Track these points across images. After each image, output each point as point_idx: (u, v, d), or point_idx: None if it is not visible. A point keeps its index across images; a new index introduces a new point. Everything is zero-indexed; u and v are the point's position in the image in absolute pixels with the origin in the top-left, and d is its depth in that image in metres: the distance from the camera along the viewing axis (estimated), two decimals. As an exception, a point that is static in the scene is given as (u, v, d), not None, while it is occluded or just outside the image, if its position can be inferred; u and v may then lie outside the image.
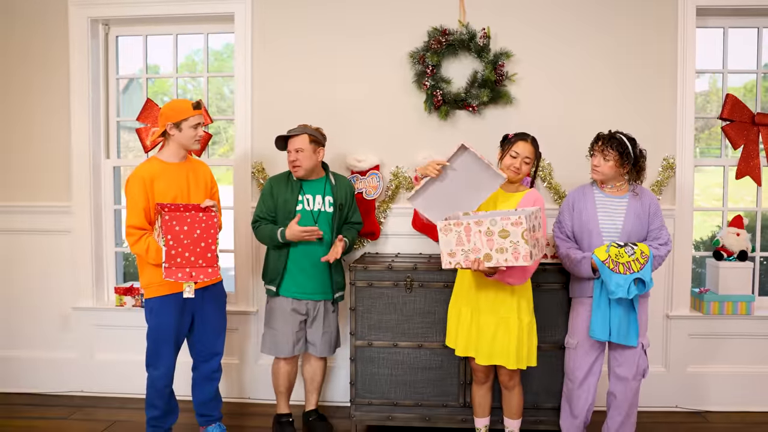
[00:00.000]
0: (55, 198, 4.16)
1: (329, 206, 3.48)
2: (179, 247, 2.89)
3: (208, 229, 2.96)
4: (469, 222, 2.69)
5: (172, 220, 2.88)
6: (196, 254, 2.93)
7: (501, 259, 2.65)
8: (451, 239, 2.73)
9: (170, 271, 2.88)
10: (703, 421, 3.77)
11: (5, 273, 4.24)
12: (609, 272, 2.94)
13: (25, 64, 4.14)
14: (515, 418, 3.22)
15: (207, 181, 3.28)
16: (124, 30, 4.21)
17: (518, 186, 3.12)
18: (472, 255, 2.70)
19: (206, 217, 2.96)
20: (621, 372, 3.13)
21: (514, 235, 2.60)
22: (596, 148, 3.12)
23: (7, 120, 4.18)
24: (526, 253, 2.60)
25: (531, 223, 2.63)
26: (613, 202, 3.14)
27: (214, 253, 2.98)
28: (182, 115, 3.09)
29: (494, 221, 2.64)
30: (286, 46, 3.98)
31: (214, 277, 2.99)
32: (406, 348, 3.45)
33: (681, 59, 3.78)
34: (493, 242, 2.64)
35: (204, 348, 3.30)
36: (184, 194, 3.14)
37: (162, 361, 3.15)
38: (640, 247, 2.95)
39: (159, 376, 3.16)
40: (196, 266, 2.93)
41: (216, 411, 3.42)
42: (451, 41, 3.80)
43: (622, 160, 3.06)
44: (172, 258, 2.88)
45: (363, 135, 3.96)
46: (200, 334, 3.28)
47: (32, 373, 4.24)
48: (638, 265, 2.92)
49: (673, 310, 3.88)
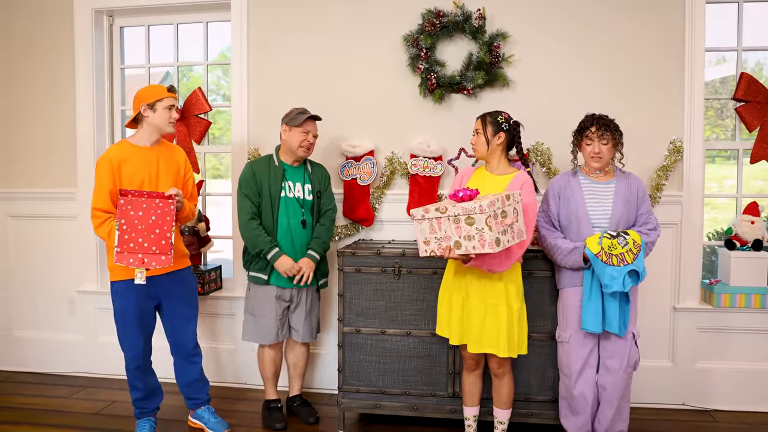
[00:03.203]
0: (61, 185, 4.28)
1: (308, 194, 3.47)
2: (132, 232, 2.86)
3: (164, 216, 2.91)
4: (438, 209, 2.67)
5: (127, 204, 2.86)
6: (149, 240, 2.89)
7: (469, 246, 2.62)
8: (425, 227, 2.74)
9: (122, 255, 2.86)
10: (711, 421, 3.55)
11: (16, 256, 4.40)
12: (602, 265, 2.82)
13: (30, 55, 4.27)
14: (505, 408, 3.11)
15: (179, 167, 3.25)
16: (127, 21, 4.29)
17: (507, 168, 3.00)
18: (444, 243, 2.68)
19: (162, 204, 2.91)
20: (611, 364, 2.99)
21: (479, 222, 2.56)
22: (590, 135, 2.96)
23: (14, 109, 4.33)
24: (491, 240, 2.55)
25: (495, 209, 2.55)
26: (600, 188, 3.01)
27: (169, 241, 2.92)
28: (157, 96, 3.10)
29: (464, 209, 2.60)
30: (280, 31, 3.97)
31: (168, 264, 2.93)
32: (394, 335, 3.38)
33: (689, 35, 3.57)
34: (461, 230, 2.62)
35: (174, 334, 3.31)
36: (153, 179, 3.12)
37: (129, 344, 3.17)
38: (632, 236, 2.81)
39: (128, 358, 3.19)
40: (149, 252, 2.89)
41: (202, 393, 3.43)
42: (446, 23, 3.71)
43: (616, 141, 2.95)
44: (125, 243, 2.86)
45: (357, 120, 3.91)
46: (169, 320, 3.29)
47: (40, 353, 4.39)
48: (631, 255, 2.79)
49: (680, 302, 3.68)
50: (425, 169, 3.78)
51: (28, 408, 3.76)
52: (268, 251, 3.35)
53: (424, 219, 2.72)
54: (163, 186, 3.13)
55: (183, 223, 3.31)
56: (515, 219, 2.68)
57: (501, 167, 2.99)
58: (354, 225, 3.94)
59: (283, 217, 3.40)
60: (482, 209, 2.54)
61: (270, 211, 3.39)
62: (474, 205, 2.56)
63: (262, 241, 3.35)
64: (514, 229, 2.68)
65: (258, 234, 3.36)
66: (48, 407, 3.78)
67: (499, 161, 2.99)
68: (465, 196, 2.66)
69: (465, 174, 3.07)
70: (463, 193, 2.67)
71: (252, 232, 3.37)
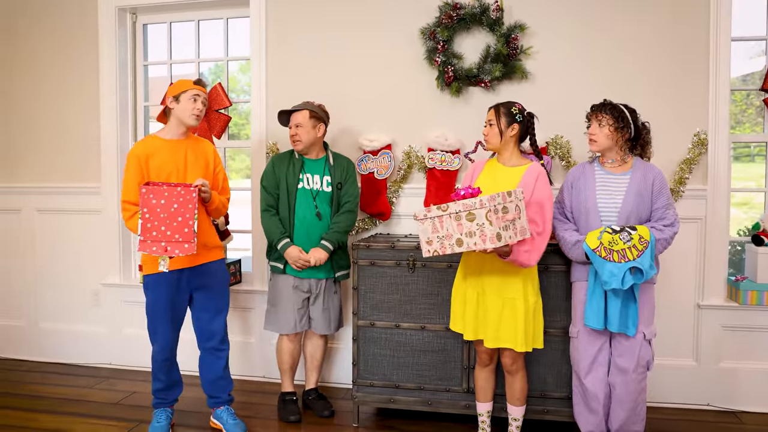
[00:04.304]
0: (86, 179, 4.37)
1: (327, 186, 3.49)
2: (155, 220, 2.88)
3: (186, 204, 2.91)
4: (439, 207, 2.69)
5: (149, 193, 2.87)
6: (172, 228, 2.90)
7: (471, 243, 2.62)
8: (427, 227, 2.74)
9: (145, 244, 2.88)
10: (737, 422, 3.44)
11: (43, 250, 4.51)
12: (601, 261, 2.74)
13: (54, 53, 4.39)
14: (518, 405, 3.05)
15: (208, 160, 3.26)
16: (150, 18, 4.36)
17: (520, 159, 2.95)
18: (446, 241, 2.69)
19: (184, 192, 2.92)
20: (621, 363, 2.89)
21: (479, 218, 2.57)
22: (591, 116, 2.92)
23: (39, 105, 4.44)
24: (492, 235, 2.55)
25: (495, 204, 2.55)
26: (613, 179, 2.92)
27: (191, 229, 2.92)
28: (182, 88, 3.12)
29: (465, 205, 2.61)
30: (298, 27, 3.99)
31: (191, 252, 2.93)
32: (408, 329, 3.36)
33: (714, 24, 3.47)
34: (462, 226, 2.63)
35: (202, 326, 3.31)
36: (181, 172, 3.14)
37: (159, 336, 3.20)
38: (639, 232, 2.71)
39: (157, 350, 3.22)
40: (171, 241, 2.90)
41: (224, 393, 3.39)
42: (463, 15, 3.67)
43: (617, 125, 2.85)
44: (148, 231, 2.87)
45: (374, 113, 3.91)
46: (199, 311, 3.30)
47: (65, 344, 4.50)
48: (635, 252, 2.69)
49: (704, 299, 3.57)
50: (443, 162, 3.75)
51: (51, 397, 3.85)
52: (278, 241, 3.40)
53: (426, 218, 2.72)
54: (191, 178, 3.14)
55: (215, 216, 3.30)
56: (517, 216, 2.63)
57: (514, 159, 2.94)
58: (371, 219, 3.93)
59: (299, 209, 3.44)
60: (482, 204, 2.55)
61: (287, 203, 3.44)
62: (474, 200, 2.57)
63: (274, 232, 3.41)
64: (516, 226, 2.65)
65: (271, 224, 3.42)
66: (70, 396, 3.87)
67: (512, 153, 2.94)
68: (467, 194, 2.67)
69: (477, 166, 3.03)
70: (465, 191, 2.68)
71: (266, 223, 3.45)
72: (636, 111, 2.92)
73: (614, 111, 2.86)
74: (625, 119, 2.86)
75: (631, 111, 2.90)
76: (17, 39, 4.46)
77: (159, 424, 3.28)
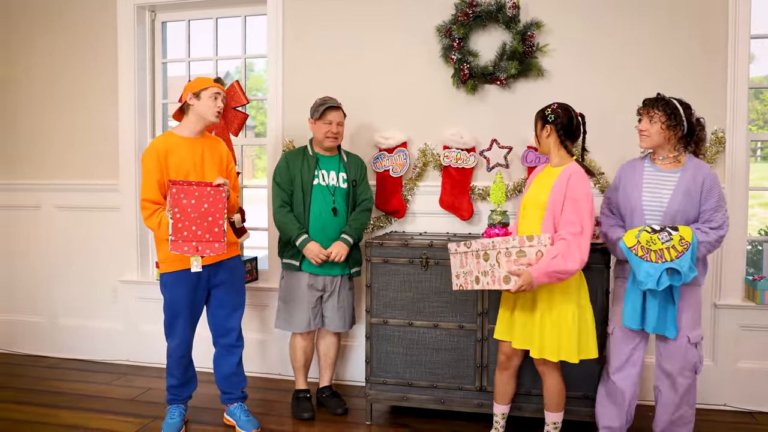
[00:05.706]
0: (104, 177, 4.42)
1: (343, 182, 3.50)
2: (186, 220, 2.90)
3: (216, 204, 2.96)
4: (466, 244, 2.82)
5: (180, 193, 2.90)
6: (203, 228, 2.94)
7: (485, 282, 2.72)
8: (456, 262, 2.91)
9: (176, 244, 2.90)
10: (754, 423, 3.40)
11: (62, 246, 4.56)
12: (638, 260, 2.67)
13: (73, 50, 4.45)
14: (552, 411, 2.92)
15: (222, 158, 3.29)
16: (168, 15, 4.40)
17: (562, 160, 2.83)
18: (469, 277, 2.81)
19: (214, 192, 2.96)
20: (666, 366, 2.81)
21: (492, 258, 2.67)
22: (642, 111, 2.83)
23: (59, 103, 4.50)
24: (500, 276, 2.63)
25: (508, 247, 2.60)
26: (662, 177, 2.80)
27: (221, 228, 2.97)
28: (202, 85, 3.13)
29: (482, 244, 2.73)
30: (315, 25, 4.01)
31: (221, 252, 2.98)
32: (421, 327, 3.36)
33: (732, 20, 3.43)
34: (480, 265, 2.74)
35: (218, 323, 3.33)
36: (198, 169, 3.16)
37: (176, 334, 3.22)
38: (680, 233, 2.61)
39: (174, 347, 3.24)
40: (203, 240, 2.93)
41: (238, 389, 3.41)
42: (479, 12, 3.67)
43: (669, 122, 2.74)
44: (179, 231, 2.89)
45: (390, 111, 3.92)
46: (215, 308, 3.32)
47: (84, 340, 4.55)
48: (674, 253, 2.60)
49: (721, 298, 3.53)
50: (458, 160, 3.75)
51: (69, 393, 3.90)
52: (297, 237, 3.39)
53: (457, 253, 2.88)
54: (208, 176, 3.16)
55: (229, 214, 3.31)
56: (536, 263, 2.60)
57: (557, 159, 2.86)
58: (386, 217, 3.94)
59: (315, 205, 3.44)
60: (494, 245, 2.64)
61: (302, 199, 3.44)
62: (488, 241, 2.66)
63: (291, 228, 3.40)
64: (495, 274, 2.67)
65: (287, 221, 3.42)
66: (88, 392, 3.91)
67: (557, 154, 2.85)
68: (496, 234, 2.79)
69: (538, 169, 3.01)
70: (497, 230, 2.76)
71: (282, 219, 3.44)
72: (690, 106, 2.79)
73: (667, 107, 2.75)
74: (677, 116, 2.74)
75: (685, 107, 2.78)
76: (34, 35, 4.52)
77: (172, 421, 3.30)
